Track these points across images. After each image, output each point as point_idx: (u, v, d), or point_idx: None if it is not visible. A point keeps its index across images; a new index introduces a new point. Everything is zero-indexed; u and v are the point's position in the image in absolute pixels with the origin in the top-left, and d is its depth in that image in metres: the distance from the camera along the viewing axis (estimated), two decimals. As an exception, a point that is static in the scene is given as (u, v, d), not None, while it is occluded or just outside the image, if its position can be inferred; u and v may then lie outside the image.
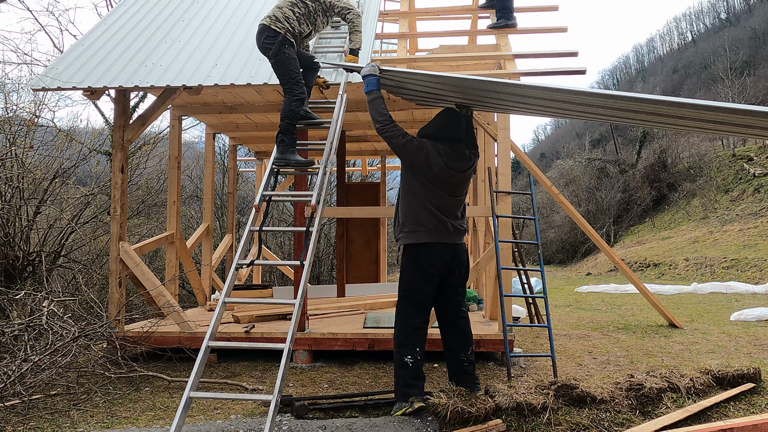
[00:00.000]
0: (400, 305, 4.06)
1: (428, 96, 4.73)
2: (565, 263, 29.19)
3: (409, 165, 4.08)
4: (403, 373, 3.91)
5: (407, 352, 3.93)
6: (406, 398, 3.84)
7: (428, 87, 4.39)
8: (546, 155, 64.41)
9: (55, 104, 18.37)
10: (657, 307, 7.76)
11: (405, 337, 3.97)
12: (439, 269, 4.04)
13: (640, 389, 3.90)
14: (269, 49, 4.72)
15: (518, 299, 8.09)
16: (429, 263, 4.01)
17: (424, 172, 4.01)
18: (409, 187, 4.07)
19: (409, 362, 3.91)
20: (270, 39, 4.72)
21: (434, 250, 4.01)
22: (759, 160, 27.06)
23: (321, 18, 5.03)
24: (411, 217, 4.03)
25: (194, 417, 3.87)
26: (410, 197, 4.05)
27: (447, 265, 4.05)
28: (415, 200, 4.03)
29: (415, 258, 4.03)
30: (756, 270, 15.83)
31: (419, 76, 4.11)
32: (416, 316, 4.01)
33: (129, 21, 6.55)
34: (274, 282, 14.03)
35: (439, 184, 4.03)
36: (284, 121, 4.70)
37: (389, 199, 20.34)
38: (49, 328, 4.71)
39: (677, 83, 58.53)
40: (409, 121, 7.98)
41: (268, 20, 4.77)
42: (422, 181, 4.02)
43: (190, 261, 7.36)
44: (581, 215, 8.60)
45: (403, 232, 4.06)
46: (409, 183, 4.08)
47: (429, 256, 4.01)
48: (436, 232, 4.01)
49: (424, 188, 4.02)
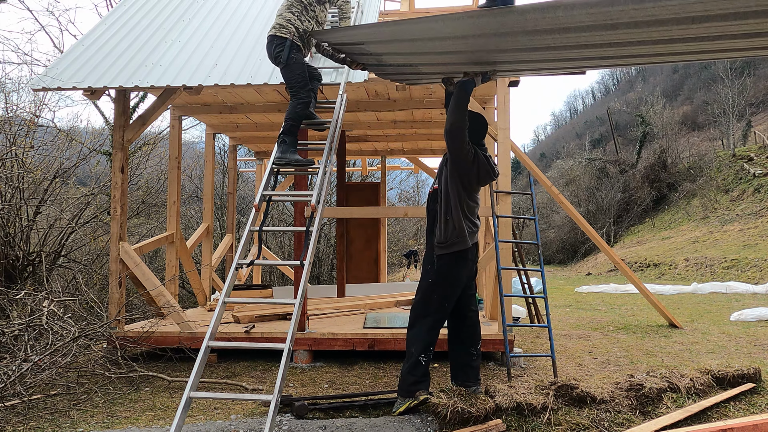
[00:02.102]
0: (433, 307, 4.03)
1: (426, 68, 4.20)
2: (565, 263, 29.19)
3: (462, 174, 4.05)
4: (415, 371, 3.93)
5: (424, 352, 3.96)
6: (412, 394, 3.87)
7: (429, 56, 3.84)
8: (546, 155, 64.42)
9: (55, 104, 18.42)
10: (657, 307, 7.76)
11: (430, 339, 3.99)
12: (470, 270, 4.13)
13: (640, 389, 3.90)
14: (280, 57, 4.82)
15: (518, 299, 8.10)
16: (467, 266, 4.07)
17: (469, 179, 4.06)
18: (458, 194, 4.06)
19: (422, 361, 3.95)
20: (279, 47, 4.82)
21: (471, 253, 4.08)
22: (759, 160, 27.07)
23: (318, 8, 5.07)
24: (465, 222, 4.05)
25: (194, 417, 3.87)
26: (460, 203, 4.05)
27: (473, 264, 4.16)
28: (462, 207, 4.06)
29: (457, 263, 4.03)
30: (756, 270, 15.83)
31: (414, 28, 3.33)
32: (443, 319, 4.07)
33: (129, 21, 6.55)
34: (274, 282, 14.03)
35: (477, 189, 4.14)
36: (288, 122, 4.77)
37: (389, 199, 20.37)
38: (49, 328, 4.71)
39: (677, 83, 58.54)
40: (408, 121, 7.98)
41: (273, 30, 4.88)
42: (466, 187, 4.06)
43: (190, 261, 7.36)
44: (581, 215, 8.60)
45: (461, 237, 4.01)
46: (457, 190, 4.06)
47: (467, 259, 4.06)
48: (473, 235, 4.10)
49: (467, 194, 4.07)
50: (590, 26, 2.85)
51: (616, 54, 3.43)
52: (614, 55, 3.44)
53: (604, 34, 2.95)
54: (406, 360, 4.02)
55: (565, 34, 3.01)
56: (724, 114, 32.41)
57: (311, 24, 4.99)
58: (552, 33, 3.00)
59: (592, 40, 3.06)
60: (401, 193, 23.57)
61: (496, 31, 3.15)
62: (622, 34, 2.94)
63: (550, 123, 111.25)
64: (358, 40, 3.98)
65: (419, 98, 6.76)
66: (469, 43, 3.45)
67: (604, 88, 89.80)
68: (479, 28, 3.15)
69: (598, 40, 3.09)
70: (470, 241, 4.05)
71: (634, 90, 62.68)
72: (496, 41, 3.34)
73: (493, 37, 3.27)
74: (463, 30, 3.26)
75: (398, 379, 4.11)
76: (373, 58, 4.17)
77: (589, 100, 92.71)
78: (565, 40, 3.12)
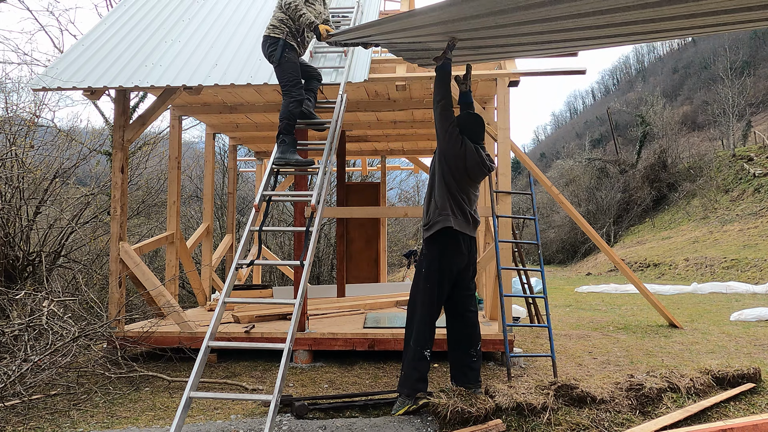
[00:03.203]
0: (422, 300, 4.03)
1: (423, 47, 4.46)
2: (565, 263, 29.20)
3: (444, 152, 4.08)
4: (420, 366, 3.92)
5: (427, 346, 3.95)
6: (416, 392, 3.86)
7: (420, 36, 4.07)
8: (546, 155, 64.47)
9: (55, 104, 18.43)
10: (657, 307, 7.76)
11: (427, 331, 3.98)
12: (461, 260, 4.07)
13: (640, 389, 3.90)
14: (273, 56, 4.88)
15: (518, 299, 8.10)
16: (457, 253, 4.03)
17: (456, 163, 4.05)
18: (442, 176, 4.08)
19: (427, 356, 3.94)
20: (273, 46, 4.87)
21: (459, 239, 4.04)
22: (759, 160, 27.08)
23: (315, 5, 5.10)
24: (450, 202, 4.03)
25: (194, 417, 3.87)
26: (447, 184, 4.06)
27: (466, 257, 4.10)
28: (449, 189, 4.05)
29: (445, 248, 4.01)
30: (756, 270, 15.83)
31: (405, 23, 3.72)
32: (436, 312, 4.05)
33: (129, 21, 6.55)
34: (274, 282, 14.03)
35: (465, 177, 4.10)
36: (283, 121, 4.79)
37: (389, 199, 20.37)
38: (49, 328, 4.70)
39: (677, 83, 58.56)
40: (408, 121, 7.99)
41: (267, 30, 4.94)
42: (452, 172, 4.06)
43: (190, 261, 7.36)
44: (581, 215, 8.60)
45: (442, 215, 4.01)
46: (442, 172, 4.08)
47: (455, 245, 4.03)
48: (465, 222, 4.07)
49: (456, 182, 4.06)
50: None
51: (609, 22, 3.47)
52: (608, 23, 3.49)
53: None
54: (405, 355, 4.01)
55: (557, 5, 3.14)
56: (724, 114, 32.43)
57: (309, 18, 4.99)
58: (545, 5, 3.14)
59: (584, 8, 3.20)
60: (401, 193, 23.62)
61: (491, 9, 3.30)
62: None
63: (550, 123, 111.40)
64: (364, 35, 4.19)
65: (419, 98, 6.76)
66: (470, 23, 3.61)
67: (604, 88, 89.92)
68: (475, 9, 3.31)
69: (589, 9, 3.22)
70: (454, 224, 3.99)
71: (634, 90, 62.75)
72: (494, 19, 3.50)
73: (490, 16, 3.44)
74: (459, 13, 3.43)
75: (399, 377, 4.09)
76: (383, 40, 4.36)
77: (589, 100, 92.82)
78: (558, 11, 3.25)
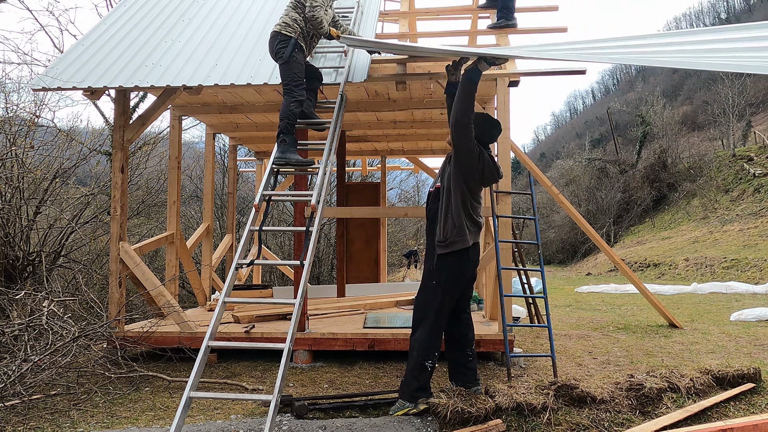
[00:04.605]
0: (434, 309, 3.98)
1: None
2: (565, 263, 29.20)
3: (464, 171, 4.01)
4: (420, 377, 3.91)
5: (430, 357, 3.94)
6: (414, 399, 3.86)
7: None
8: (546, 155, 64.45)
9: (55, 104, 18.41)
10: (657, 307, 7.76)
11: (433, 341, 3.96)
12: (473, 269, 4.11)
13: (640, 389, 3.90)
14: (282, 53, 4.86)
15: (518, 299, 8.10)
16: (471, 266, 4.05)
17: (473, 176, 4.03)
18: (461, 192, 4.01)
19: (429, 367, 3.93)
20: (283, 43, 4.88)
21: (472, 252, 4.04)
22: (759, 160, 27.07)
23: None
24: (466, 221, 4.00)
25: (194, 417, 3.87)
26: (462, 201, 4.02)
27: (475, 264, 4.13)
28: (466, 205, 4.02)
29: (459, 263, 3.99)
30: (756, 270, 15.83)
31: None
32: (444, 320, 4.04)
33: (129, 21, 6.55)
34: (274, 282, 14.03)
35: (479, 186, 4.12)
36: (283, 121, 4.80)
37: (389, 199, 20.36)
38: (49, 328, 4.70)
39: (677, 83, 58.55)
40: (408, 121, 7.98)
41: (279, 27, 4.95)
42: (470, 186, 4.04)
43: (190, 261, 7.36)
44: (581, 215, 8.60)
45: (461, 236, 3.96)
46: (461, 187, 4.01)
47: (472, 259, 4.04)
48: (477, 232, 4.09)
49: (470, 193, 4.04)
50: None
51: None
52: None
53: None
54: (408, 363, 4.00)
55: None
56: (724, 114, 32.41)
57: (327, 32, 5.11)
58: None
59: None
60: (401, 193, 23.60)
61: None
62: None
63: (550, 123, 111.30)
64: (378, 48, 4.62)
65: (419, 98, 6.76)
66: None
67: (604, 88, 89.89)
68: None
69: None
70: (470, 240, 4.00)
71: (634, 90, 62.75)
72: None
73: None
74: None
75: (401, 379, 4.10)
76: (392, 52, 4.64)
77: (589, 100, 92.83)
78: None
